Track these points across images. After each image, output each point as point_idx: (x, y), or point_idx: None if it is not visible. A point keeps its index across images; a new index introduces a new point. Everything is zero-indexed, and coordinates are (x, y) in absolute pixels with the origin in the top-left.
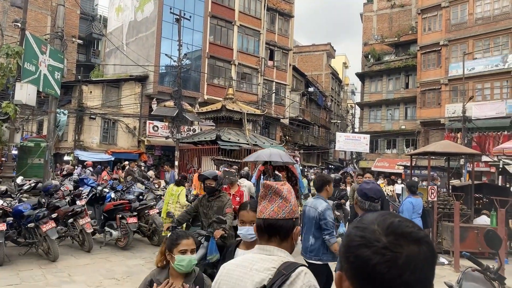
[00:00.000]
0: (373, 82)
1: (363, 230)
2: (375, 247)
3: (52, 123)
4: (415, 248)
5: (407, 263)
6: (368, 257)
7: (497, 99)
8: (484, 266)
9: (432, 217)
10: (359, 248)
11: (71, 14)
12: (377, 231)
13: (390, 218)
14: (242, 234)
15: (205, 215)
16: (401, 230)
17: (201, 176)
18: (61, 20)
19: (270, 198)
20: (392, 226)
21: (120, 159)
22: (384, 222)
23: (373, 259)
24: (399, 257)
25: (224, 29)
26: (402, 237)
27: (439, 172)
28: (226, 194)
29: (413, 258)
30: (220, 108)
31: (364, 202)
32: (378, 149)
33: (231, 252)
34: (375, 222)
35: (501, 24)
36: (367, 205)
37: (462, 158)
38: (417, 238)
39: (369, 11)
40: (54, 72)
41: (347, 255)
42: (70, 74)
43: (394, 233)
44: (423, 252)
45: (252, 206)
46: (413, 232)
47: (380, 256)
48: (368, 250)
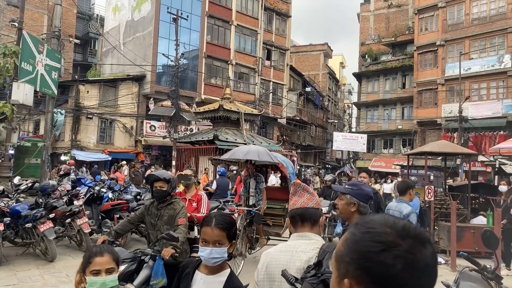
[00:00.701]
0: (370, 82)
1: (378, 234)
2: (397, 252)
3: (49, 123)
4: (426, 250)
5: (425, 265)
6: (390, 262)
7: (493, 99)
8: (481, 266)
9: (428, 217)
10: (379, 254)
11: (67, 13)
12: (392, 234)
13: (397, 220)
14: (204, 258)
15: (153, 227)
16: (414, 232)
17: (151, 177)
18: (58, 19)
19: (300, 193)
20: (406, 229)
21: (117, 159)
22: (396, 225)
23: (396, 265)
24: (419, 260)
25: (221, 28)
26: (417, 239)
27: (436, 171)
28: (179, 200)
29: (428, 259)
30: (218, 108)
31: None
32: (375, 149)
33: (187, 275)
34: (385, 225)
35: (497, 24)
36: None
37: (458, 158)
38: (427, 239)
39: (366, 11)
40: (51, 71)
41: (361, 262)
42: (67, 74)
43: (410, 236)
44: (431, 253)
45: (218, 222)
46: (422, 233)
47: (403, 259)
48: (390, 255)
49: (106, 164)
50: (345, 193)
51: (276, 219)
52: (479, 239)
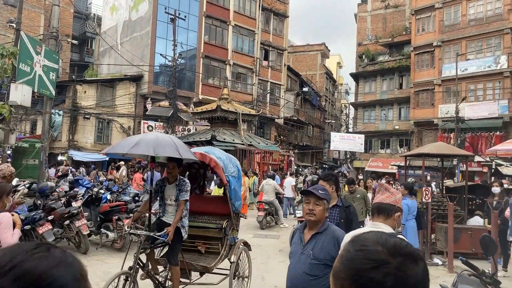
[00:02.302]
0: (367, 82)
1: (370, 252)
2: (387, 269)
3: (47, 124)
4: (418, 267)
5: (415, 282)
6: (380, 280)
7: (489, 100)
8: (480, 270)
9: (426, 218)
10: (370, 272)
11: (64, 12)
12: (383, 252)
13: (390, 238)
14: None
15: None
16: (405, 251)
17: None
18: (56, 20)
19: (382, 192)
20: (397, 247)
21: (114, 159)
22: (388, 243)
23: (386, 282)
24: (409, 277)
25: (219, 29)
26: (407, 257)
27: (433, 172)
28: None
29: (418, 277)
30: (215, 108)
31: None
32: (372, 149)
33: None
34: (377, 243)
35: (493, 25)
36: None
37: (455, 158)
38: (418, 257)
39: (363, 12)
40: (49, 72)
41: (355, 279)
42: (64, 74)
43: (401, 254)
44: (423, 270)
45: None
46: (413, 251)
47: (392, 277)
48: (380, 273)
49: (103, 165)
50: (322, 198)
51: (212, 244)
52: (476, 241)
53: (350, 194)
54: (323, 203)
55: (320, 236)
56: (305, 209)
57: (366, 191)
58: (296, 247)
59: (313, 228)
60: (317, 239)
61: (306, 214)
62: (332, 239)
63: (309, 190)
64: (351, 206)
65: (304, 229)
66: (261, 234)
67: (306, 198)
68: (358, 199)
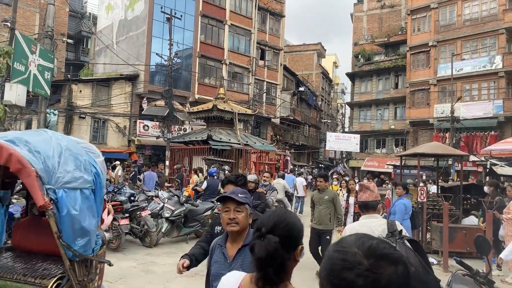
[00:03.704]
0: (363, 82)
1: (345, 253)
2: (359, 270)
3: (42, 124)
4: (393, 269)
5: (388, 284)
6: (352, 280)
7: (484, 100)
8: (474, 270)
9: (420, 218)
10: (343, 272)
11: (59, 11)
12: (358, 254)
13: (368, 240)
14: None
15: None
16: (380, 252)
17: None
18: (51, 19)
19: (364, 191)
20: (372, 249)
21: (110, 159)
22: (364, 245)
23: (357, 282)
24: (381, 278)
25: (215, 28)
26: (382, 259)
27: (428, 171)
28: None
29: (393, 278)
30: (211, 107)
31: None
32: (368, 149)
33: None
34: (354, 245)
35: (488, 25)
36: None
37: (450, 158)
38: (395, 259)
39: (359, 11)
40: (44, 72)
41: (330, 278)
42: (59, 73)
43: (374, 255)
44: (401, 272)
45: None
46: (391, 253)
47: (364, 278)
48: (352, 273)
49: None
50: (243, 202)
51: None
52: (471, 240)
53: (318, 194)
54: (245, 208)
55: (247, 249)
56: (225, 219)
57: (349, 194)
58: (220, 267)
59: (237, 240)
60: (245, 253)
61: (227, 225)
62: None
63: (226, 195)
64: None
65: (226, 242)
66: None
67: (225, 206)
68: (326, 201)
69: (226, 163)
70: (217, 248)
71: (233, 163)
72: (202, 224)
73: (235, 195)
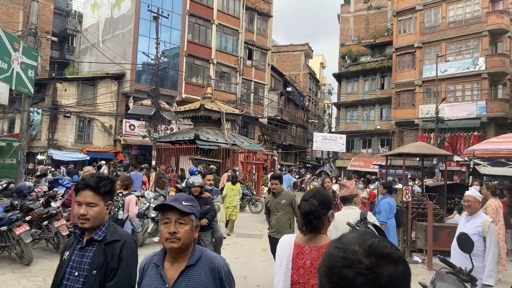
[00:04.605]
0: (349, 83)
1: (345, 251)
2: (359, 268)
3: (25, 122)
4: (394, 268)
5: (388, 283)
6: (352, 278)
7: (468, 101)
8: (457, 268)
9: (405, 217)
10: (343, 269)
11: (44, 9)
12: (359, 252)
13: (369, 238)
14: None
15: None
16: (381, 251)
17: None
18: (34, 16)
19: (342, 188)
20: (373, 247)
21: (95, 159)
22: (365, 243)
23: (357, 280)
24: (381, 277)
25: (203, 27)
26: (383, 258)
27: (413, 171)
28: None
29: (393, 278)
30: (199, 107)
31: None
32: (354, 149)
33: None
34: (355, 242)
35: (472, 28)
36: None
37: (435, 158)
38: (396, 258)
39: (346, 12)
40: (27, 70)
41: (329, 275)
42: (44, 71)
43: (375, 254)
44: (401, 271)
45: None
46: (392, 252)
47: (364, 276)
48: (352, 271)
49: (84, 164)
50: (187, 212)
51: None
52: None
53: (273, 198)
54: (189, 219)
55: (194, 270)
56: (163, 233)
57: None
58: None
59: (179, 259)
60: (190, 275)
61: (165, 240)
62: (211, 273)
63: (166, 204)
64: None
65: (164, 261)
66: (244, 233)
67: (164, 217)
68: (283, 206)
69: (214, 163)
70: (152, 268)
71: (220, 163)
72: None
73: (178, 203)
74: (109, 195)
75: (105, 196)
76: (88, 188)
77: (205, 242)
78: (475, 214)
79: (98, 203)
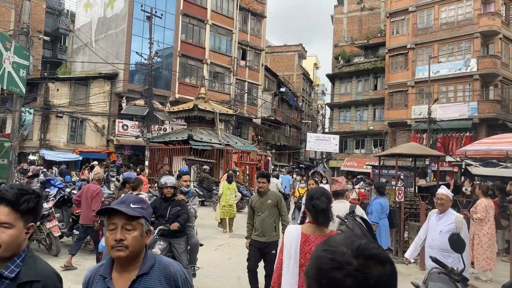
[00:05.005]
0: (342, 83)
1: (333, 253)
2: (347, 270)
3: (17, 122)
4: (382, 269)
5: (376, 283)
6: (341, 279)
7: (460, 102)
8: (449, 268)
9: (398, 217)
10: (332, 271)
11: (36, 8)
12: (347, 254)
13: (356, 240)
14: None
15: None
16: (369, 252)
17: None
18: (26, 15)
19: (334, 183)
20: (361, 249)
21: (88, 159)
22: (353, 245)
23: (346, 282)
24: (370, 278)
25: (196, 27)
26: (371, 259)
27: (406, 171)
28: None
29: (381, 278)
30: (192, 107)
31: None
32: (347, 149)
33: None
34: (343, 244)
35: (464, 29)
36: None
37: (427, 158)
38: (383, 258)
39: (340, 13)
40: (19, 69)
41: (318, 278)
42: (36, 71)
43: (363, 255)
44: (389, 272)
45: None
46: (379, 253)
47: (353, 278)
48: (341, 273)
49: (76, 164)
50: (136, 216)
51: None
52: None
53: (258, 198)
54: (139, 224)
55: (147, 279)
56: (109, 240)
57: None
58: None
59: (129, 268)
60: (143, 285)
61: (111, 248)
62: (166, 281)
63: (111, 207)
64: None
65: (112, 272)
66: (237, 234)
67: (110, 222)
68: (269, 207)
69: (207, 163)
70: (98, 281)
71: (214, 163)
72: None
73: (125, 206)
74: (31, 215)
75: (26, 215)
76: (3, 203)
77: (178, 250)
78: (446, 212)
79: (15, 224)
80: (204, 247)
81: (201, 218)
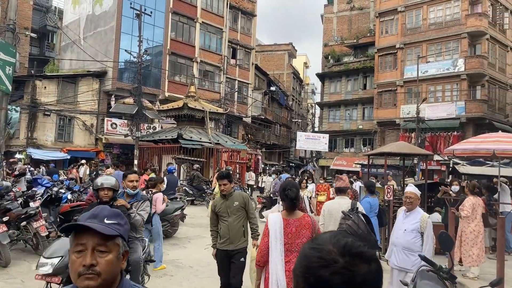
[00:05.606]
0: (332, 83)
1: (320, 251)
2: (335, 268)
3: (3, 120)
4: (368, 266)
5: (363, 281)
6: (328, 277)
7: (448, 101)
8: (437, 266)
9: (387, 216)
10: (319, 269)
11: (23, 4)
12: (333, 252)
13: (343, 238)
14: None
15: None
16: (355, 250)
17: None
18: (13, 12)
19: (338, 180)
20: (347, 247)
21: (76, 158)
22: (339, 243)
23: (333, 279)
24: (356, 276)
25: (186, 25)
26: (357, 257)
27: (394, 170)
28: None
29: (367, 276)
30: (182, 106)
31: None
32: (337, 148)
33: None
34: (330, 242)
35: (452, 29)
36: None
37: (416, 157)
38: (369, 256)
39: (330, 13)
40: (5, 66)
41: (306, 276)
42: (23, 68)
43: (350, 253)
44: (374, 269)
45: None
46: (365, 251)
47: (340, 276)
48: (328, 271)
49: (64, 163)
50: (112, 236)
51: None
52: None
53: (222, 201)
54: (115, 245)
55: None
56: (76, 266)
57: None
58: None
59: None
60: None
61: (78, 277)
62: None
63: (78, 224)
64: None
65: None
66: None
67: (77, 242)
68: (236, 210)
69: (197, 162)
70: None
71: (204, 162)
72: (171, 224)
73: (98, 222)
74: None
75: None
76: None
77: None
78: (414, 210)
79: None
80: (193, 246)
81: (191, 217)
